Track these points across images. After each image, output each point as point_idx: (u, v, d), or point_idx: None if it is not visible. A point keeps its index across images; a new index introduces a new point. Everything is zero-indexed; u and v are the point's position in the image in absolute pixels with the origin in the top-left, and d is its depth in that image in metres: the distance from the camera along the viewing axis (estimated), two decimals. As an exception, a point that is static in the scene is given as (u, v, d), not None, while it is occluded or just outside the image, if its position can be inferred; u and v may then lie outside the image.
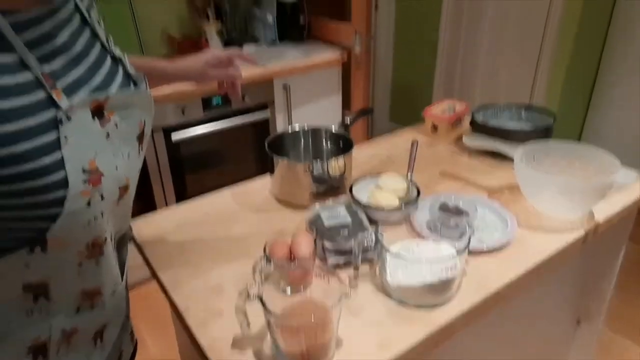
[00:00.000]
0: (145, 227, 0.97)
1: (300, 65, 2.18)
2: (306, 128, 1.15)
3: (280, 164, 1.01)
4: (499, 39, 2.56)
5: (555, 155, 1.00)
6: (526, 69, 2.48)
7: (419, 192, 0.97)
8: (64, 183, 0.49)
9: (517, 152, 0.99)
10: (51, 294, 0.56)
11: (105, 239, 0.59)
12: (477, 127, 1.26)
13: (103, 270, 0.61)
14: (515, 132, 1.22)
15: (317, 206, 0.93)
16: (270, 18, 2.37)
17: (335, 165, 1.00)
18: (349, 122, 1.12)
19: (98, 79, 0.56)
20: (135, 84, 0.62)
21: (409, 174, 1.04)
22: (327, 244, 0.82)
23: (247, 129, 2.16)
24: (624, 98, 2.39)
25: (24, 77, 0.46)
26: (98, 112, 0.53)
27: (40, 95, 0.47)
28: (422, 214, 0.91)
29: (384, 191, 0.97)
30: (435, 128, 1.37)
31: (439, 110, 1.39)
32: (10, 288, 0.53)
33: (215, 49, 0.96)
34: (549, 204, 0.94)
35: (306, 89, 2.27)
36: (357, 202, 0.94)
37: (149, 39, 2.23)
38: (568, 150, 1.00)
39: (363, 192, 0.98)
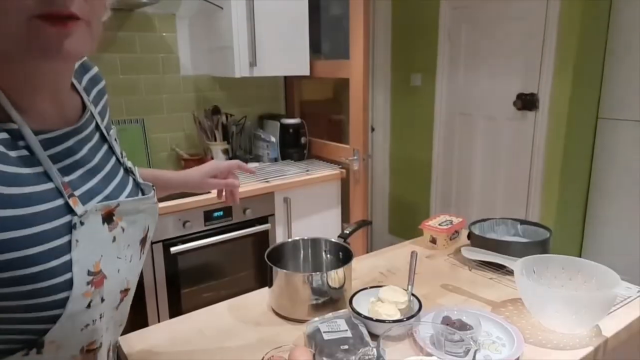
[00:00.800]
0: (137, 342, 0.93)
1: (301, 180, 2.27)
2: (305, 239, 1.16)
3: (279, 275, 1.01)
4: (492, 157, 2.70)
5: (555, 269, 1.01)
6: (520, 187, 2.57)
7: (420, 305, 0.95)
8: (69, 285, 0.50)
9: (516, 265, 0.99)
10: None
11: (101, 345, 0.59)
12: (476, 240, 1.28)
13: None
14: (513, 245, 1.23)
15: (316, 319, 0.91)
16: (274, 138, 2.53)
17: (334, 277, 1.00)
18: (348, 233, 1.14)
19: (110, 188, 0.61)
20: (143, 192, 0.68)
21: (410, 286, 1.03)
22: (327, 360, 0.78)
23: (247, 240, 2.17)
24: (618, 215, 2.44)
25: (46, 186, 0.51)
26: (108, 217, 0.57)
27: (58, 202, 0.51)
28: (425, 328, 0.89)
29: (385, 304, 0.96)
30: (434, 240, 1.39)
31: (436, 223, 1.42)
32: None
33: (215, 160, 1.01)
34: (554, 319, 0.92)
35: (306, 202, 2.34)
36: (357, 315, 0.92)
37: (157, 158, 2.36)
38: (567, 263, 1.00)
39: (363, 305, 0.97)
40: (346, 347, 0.81)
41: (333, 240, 1.14)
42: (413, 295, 0.99)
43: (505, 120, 2.56)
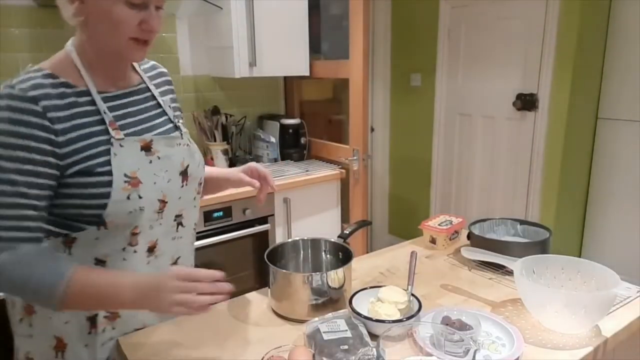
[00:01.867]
0: (137, 342, 0.93)
1: (301, 180, 2.27)
2: (305, 239, 1.16)
3: (279, 275, 1.01)
4: (491, 157, 2.70)
5: (555, 269, 1.01)
6: (519, 187, 2.57)
7: (420, 305, 0.95)
8: (111, 182, 0.83)
9: (516, 265, 0.99)
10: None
11: (140, 232, 0.90)
12: (475, 240, 1.28)
13: (130, 264, 0.90)
14: (513, 245, 1.23)
15: (316, 319, 0.91)
16: (273, 139, 2.53)
17: (334, 277, 1.00)
18: (347, 233, 1.14)
19: (154, 132, 0.94)
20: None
21: (410, 286, 1.03)
22: (327, 360, 0.78)
23: (247, 241, 2.17)
24: (618, 215, 2.44)
25: (99, 120, 0.86)
26: (147, 147, 0.90)
27: (104, 130, 0.86)
28: (425, 329, 0.89)
29: (384, 304, 0.96)
30: (433, 241, 1.39)
31: (436, 223, 1.42)
32: (86, 258, 0.87)
33: (254, 163, 1.16)
34: (553, 319, 0.92)
35: (306, 202, 2.34)
36: (357, 315, 0.92)
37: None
38: (566, 264, 1.00)
39: (363, 305, 0.97)
40: (346, 347, 0.81)
41: (333, 240, 1.14)
42: (413, 295, 0.99)
43: (504, 120, 2.56)
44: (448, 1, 2.74)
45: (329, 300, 0.99)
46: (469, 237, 1.33)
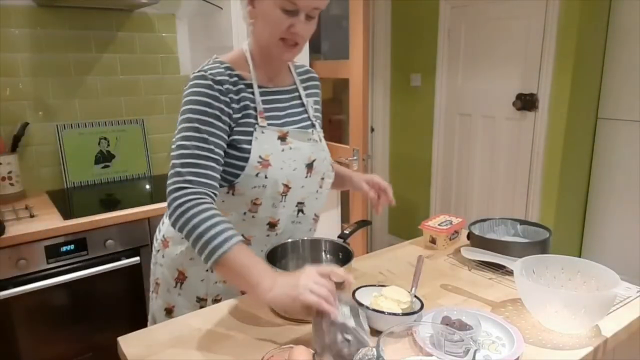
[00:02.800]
0: (137, 342, 0.93)
1: (301, 181, 2.27)
2: (305, 239, 1.16)
3: (280, 275, 1.01)
4: (491, 157, 2.70)
5: (555, 269, 1.01)
6: (519, 187, 2.57)
7: (422, 305, 0.95)
8: (248, 159, 1.02)
9: (516, 265, 0.99)
10: None
11: (262, 204, 1.06)
12: (475, 240, 1.28)
13: (248, 229, 1.08)
14: (513, 245, 1.23)
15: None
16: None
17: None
18: (347, 233, 1.14)
19: (293, 125, 1.10)
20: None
21: (414, 288, 1.02)
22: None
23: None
24: (618, 215, 2.45)
25: (254, 112, 1.05)
26: (283, 137, 1.06)
27: (256, 121, 1.04)
28: (425, 328, 0.89)
29: (387, 300, 0.96)
30: (433, 241, 1.39)
31: (436, 223, 1.42)
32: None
33: (377, 176, 1.25)
34: (553, 319, 0.92)
35: (306, 203, 2.33)
36: (360, 305, 0.92)
37: (157, 158, 2.36)
38: (566, 264, 1.00)
39: (366, 299, 0.97)
40: (348, 337, 0.81)
41: (333, 240, 1.14)
42: (416, 297, 0.99)
43: (504, 121, 2.56)
44: (448, 1, 2.74)
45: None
46: (469, 237, 1.33)
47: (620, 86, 2.31)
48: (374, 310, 0.91)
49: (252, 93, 1.05)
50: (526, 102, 2.41)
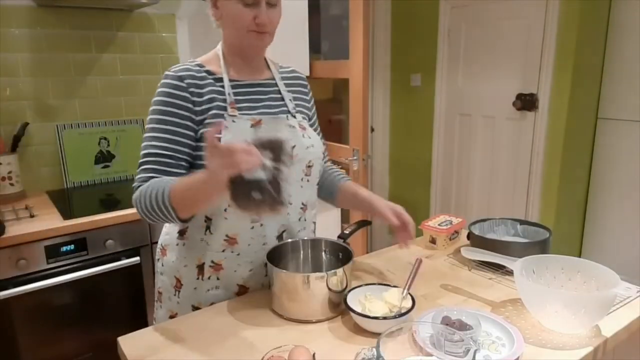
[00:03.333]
0: (137, 342, 0.93)
1: (301, 181, 2.27)
2: (305, 239, 1.16)
3: (279, 275, 1.01)
4: (491, 158, 2.70)
5: (555, 269, 1.01)
6: (519, 187, 2.57)
7: (414, 303, 0.95)
8: None
9: (516, 265, 0.99)
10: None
11: None
12: (475, 240, 1.28)
13: (232, 224, 1.08)
14: (513, 245, 1.23)
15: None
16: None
17: (334, 277, 1.00)
18: (347, 233, 1.14)
19: (268, 115, 1.10)
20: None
21: (405, 290, 1.01)
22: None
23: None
24: (618, 215, 2.44)
25: (224, 104, 1.07)
26: (256, 125, 1.06)
27: (225, 112, 1.06)
28: (425, 328, 0.89)
29: (375, 302, 0.97)
30: (433, 241, 1.39)
31: (436, 223, 1.42)
32: (198, 216, 1.07)
33: (402, 208, 1.19)
34: (553, 319, 0.92)
35: (306, 203, 2.33)
36: (351, 310, 0.92)
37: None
38: (566, 264, 1.00)
39: (355, 303, 0.98)
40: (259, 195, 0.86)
41: (333, 240, 1.14)
42: (410, 295, 0.99)
43: (504, 121, 2.56)
44: (448, 1, 2.74)
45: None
46: (469, 237, 1.33)
47: (620, 86, 2.31)
48: (361, 314, 0.93)
49: (222, 86, 1.08)
50: (526, 102, 2.41)
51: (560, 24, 2.23)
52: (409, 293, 1.00)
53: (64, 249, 1.67)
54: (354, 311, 0.94)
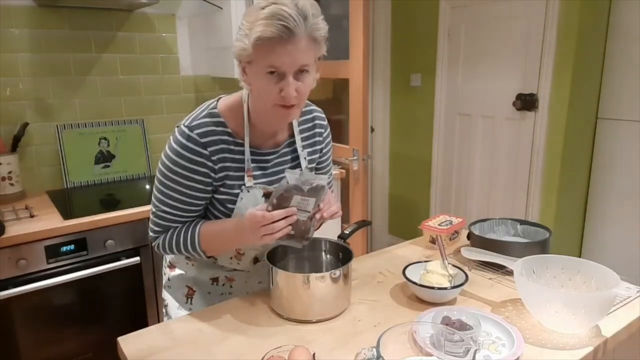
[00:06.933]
0: (137, 342, 0.93)
1: (301, 181, 2.26)
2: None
3: (279, 275, 1.01)
4: (491, 158, 2.70)
5: (555, 269, 1.01)
6: (519, 187, 2.57)
7: (467, 277, 1.07)
8: (231, 215, 1.06)
9: (516, 265, 0.99)
10: None
11: (244, 253, 1.13)
12: (475, 240, 1.28)
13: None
14: (513, 245, 1.23)
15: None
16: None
17: (335, 276, 1.00)
18: (347, 233, 1.14)
19: (279, 179, 1.08)
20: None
21: (445, 261, 1.12)
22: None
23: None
24: (618, 215, 2.44)
25: (242, 172, 1.05)
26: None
27: (242, 181, 1.05)
28: (425, 329, 0.89)
29: (434, 275, 1.08)
30: (433, 241, 1.39)
31: (436, 223, 1.42)
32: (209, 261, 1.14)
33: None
34: (553, 319, 0.92)
35: (306, 203, 2.33)
36: (411, 282, 1.05)
37: (157, 159, 2.36)
38: (566, 264, 1.00)
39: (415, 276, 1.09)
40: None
41: (333, 240, 1.14)
42: (459, 268, 1.11)
43: (504, 121, 2.56)
44: (448, 1, 2.74)
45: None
46: (469, 237, 1.33)
47: (620, 86, 2.31)
48: (423, 286, 1.04)
49: (242, 152, 1.04)
50: (526, 102, 2.41)
51: (560, 24, 2.23)
52: (459, 267, 1.11)
53: (64, 249, 1.67)
54: (416, 283, 1.05)
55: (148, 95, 2.33)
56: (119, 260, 1.78)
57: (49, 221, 1.68)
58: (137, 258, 1.81)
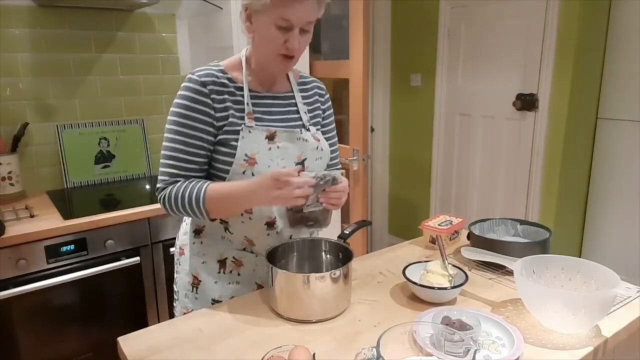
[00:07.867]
0: (137, 342, 0.93)
1: (301, 181, 2.26)
2: (305, 239, 1.16)
3: (279, 275, 1.01)
4: (491, 158, 2.70)
5: (555, 269, 1.01)
6: (519, 187, 2.57)
7: (467, 277, 1.07)
8: (234, 156, 1.07)
9: (516, 265, 0.99)
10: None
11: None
12: (475, 240, 1.28)
13: (247, 228, 1.14)
14: (513, 245, 1.23)
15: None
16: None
17: (335, 276, 1.00)
18: (347, 233, 1.14)
19: (283, 127, 1.13)
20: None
21: (445, 262, 1.12)
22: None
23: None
24: (618, 215, 2.44)
25: (242, 113, 1.09)
26: (270, 137, 1.10)
27: (243, 121, 1.09)
28: (425, 329, 0.89)
29: (434, 275, 1.08)
30: (433, 241, 1.39)
31: (436, 223, 1.42)
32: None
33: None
34: (553, 319, 0.92)
35: (306, 203, 2.33)
36: (411, 282, 1.06)
37: (157, 159, 2.36)
38: (566, 264, 1.00)
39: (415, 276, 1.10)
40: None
41: (333, 240, 1.14)
42: (459, 268, 1.11)
43: (504, 121, 2.56)
44: (448, 1, 2.74)
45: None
46: (469, 237, 1.33)
47: (620, 86, 2.31)
48: (423, 286, 1.05)
49: (242, 95, 1.10)
50: (526, 102, 2.41)
51: (560, 24, 2.23)
52: (459, 267, 1.12)
53: (64, 249, 1.67)
54: (417, 284, 1.05)
55: (148, 95, 2.33)
56: (119, 260, 1.78)
57: (49, 221, 1.68)
58: (137, 258, 1.81)
